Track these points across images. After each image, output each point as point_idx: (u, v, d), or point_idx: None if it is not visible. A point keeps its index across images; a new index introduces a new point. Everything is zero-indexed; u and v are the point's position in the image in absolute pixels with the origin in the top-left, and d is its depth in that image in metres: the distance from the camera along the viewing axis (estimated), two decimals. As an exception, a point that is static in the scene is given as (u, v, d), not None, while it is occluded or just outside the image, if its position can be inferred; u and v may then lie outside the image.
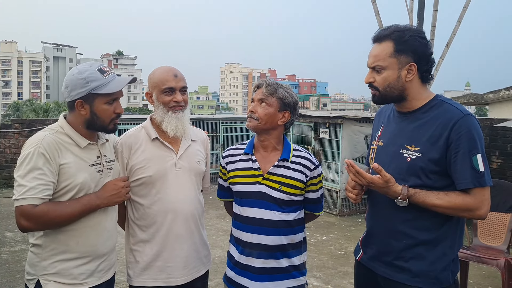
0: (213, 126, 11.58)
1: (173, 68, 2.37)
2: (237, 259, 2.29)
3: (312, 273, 5.33)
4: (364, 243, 2.25)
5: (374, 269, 2.13)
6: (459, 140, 1.89)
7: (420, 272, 1.99)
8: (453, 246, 2.02)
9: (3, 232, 6.75)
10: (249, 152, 2.33)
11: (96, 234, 2.14)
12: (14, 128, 10.04)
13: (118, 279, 4.63)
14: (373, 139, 2.27)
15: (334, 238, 6.93)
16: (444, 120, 1.94)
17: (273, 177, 2.25)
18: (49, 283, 2.05)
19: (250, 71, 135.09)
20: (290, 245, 2.26)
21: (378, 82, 2.05)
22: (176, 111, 2.32)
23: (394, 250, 2.05)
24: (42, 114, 35.53)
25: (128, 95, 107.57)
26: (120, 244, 5.38)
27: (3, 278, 4.98)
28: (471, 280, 5.12)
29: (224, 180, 2.46)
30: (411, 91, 2.04)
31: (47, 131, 2.09)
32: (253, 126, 2.27)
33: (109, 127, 2.18)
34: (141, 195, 2.34)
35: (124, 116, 13.03)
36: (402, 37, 1.99)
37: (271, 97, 2.24)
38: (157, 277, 2.33)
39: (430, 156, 1.94)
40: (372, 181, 1.95)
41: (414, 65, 2.00)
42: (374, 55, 2.06)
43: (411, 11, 8.54)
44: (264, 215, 2.23)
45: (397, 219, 2.03)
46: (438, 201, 1.91)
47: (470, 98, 10.62)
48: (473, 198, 1.90)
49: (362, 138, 8.53)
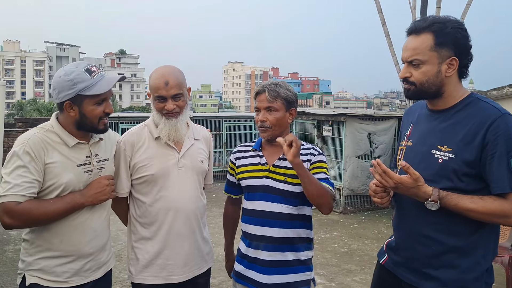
0: (216, 124, 11.58)
1: (167, 73, 2.29)
2: (244, 252, 2.33)
3: (315, 271, 5.30)
4: (389, 247, 2.14)
5: (400, 276, 2.02)
6: (496, 140, 1.74)
7: (449, 281, 1.85)
8: (487, 255, 1.87)
9: (7, 231, 6.77)
10: (257, 148, 2.39)
11: (80, 234, 2.12)
12: (18, 127, 10.11)
13: (121, 277, 4.66)
14: (402, 139, 2.14)
15: (337, 235, 6.93)
16: (480, 119, 1.79)
17: (278, 169, 2.29)
18: (32, 278, 2.07)
19: (252, 69, 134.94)
20: (296, 239, 2.28)
21: (415, 77, 1.90)
22: (169, 118, 2.31)
23: (422, 257, 1.92)
24: (45, 113, 35.54)
25: (131, 94, 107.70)
26: (124, 242, 5.38)
27: (8, 276, 5.01)
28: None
29: (231, 175, 2.50)
30: (449, 87, 1.90)
31: (37, 129, 2.09)
32: (268, 136, 2.29)
33: (99, 127, 2.16)
34: (144, 193, 2.34)
35: (126, 115, 13.07)
36: (443, 29, 1.84)
37: (276, 101, 2.26)
38: (158, 275, 2.33)
39: (464, 157, 1.80)
40: (401, 181, 1.80)
41: (455, 60, 1.86)
42: (412, 48, 1.90)
43: (414, 8, 8.53)
44: (268, 207, 2.26)
45: (426, 224, 1.90)
46: (472, 205, 1.76)
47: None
48: (510, 203, 1.74)
49: (365, 136, 8.51)
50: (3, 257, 5.66)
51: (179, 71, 2.35)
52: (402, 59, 1.98)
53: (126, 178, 2.36)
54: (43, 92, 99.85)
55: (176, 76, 2.31)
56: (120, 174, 2.34)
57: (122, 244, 5.74)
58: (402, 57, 1.97)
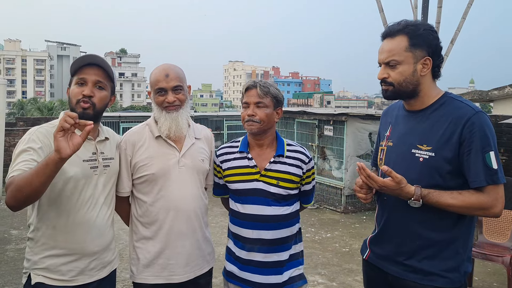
0: (217, 123, 11.60)
1: (167, 67, 2.34)
2: (238, 254, 2.33)
3: (316, 270, 5.33)
4: (373, 242, 2.22)
5: (385, 268, 2.11)
6: (471, 137, 1.86)
7: (432, 271, 1.96)
8: (465, 245, 1.99)
9: (8, 230, 6.78)
10: (244, 150, 2.37)
11: (84, 232, 2.12)
12: (19, 126, 10.11)
13: (123, 277, 4.66)
14: (382, 139, 2.23)
15: (338, 235, 6.92)
16: (456, 118, 1.90)
17: (270, 173, 2.30)
18: (38, 277, 2.07)
19: (253, 68, 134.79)
20: (289, 237, 2.32)
21: (393, 77, 2.01)
22: (170, 111, 2.31)
23: (407, 251, 2.02)
24: (46, 112, 35.59)
25: (132, 93, 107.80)
26: (125, 241, 5.37)
27: (9, 275, 5.01)
28: (476, 277, 5.10)
29: (219, 178, 2.49)
30: (424, 87, 2.01)
31: (46, 124, 2.15)
32: (256, 129, 2.29)
33: (76, 109, 2.06)
34: (144, 192, 2.34)
35: (127, 114, 13.09)
36: (416, 30, 1.97)
37: (266, 98, 2.29)
38: (159, 275, 2.33)
39: (444, 155, 1.90)
40: (384, 185, 1.91)
41: (429, 59, 1.97)
42: (387, 50, 2.01)
43: (415, 7, 8.51)
44: (263, 211, 2.27)
45: (410, 220, 2.00)
46: (452, 201, 1.87)
47: (475, 95, 10.57)
48: (487, 196, 1.87)
49: (367, 135, 8.51)
50: (4, 256, 5.66)
51: (179, 67, 2.40)
52: (378, 62, 2.06)
53: (127, 177, 2.35)
54: (44, 91, 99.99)
55: (176, 70, 2.35)
56: (121, 173, 2.34)
57: (123, 243, 5.74)
58: (379, 60, 2.06)
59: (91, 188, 2.15)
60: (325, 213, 8.35)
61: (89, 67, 2.14)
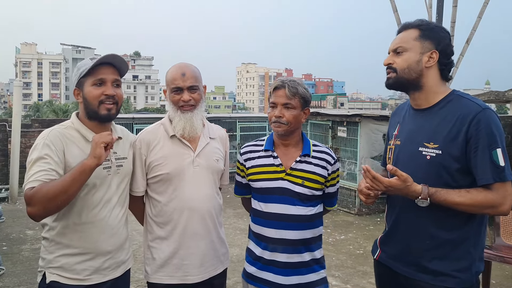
0: (230, 125, 11.61)
1: (184, 66, 2.34)
2: (259, 254, 2.28)
3: (330, 272, 5.28)
4: (383, 242, 2.21)
5: (396, 268, 2.10)
6: (478, 135, 1.85)
7: (443, 271, 1.95)
8: (476, 245, 1.97)
9: (24, 230, 6.86)
10: (269, 148, 2.34)
11: (98, 231, 2.13)
12: (34, 128, 10.27)
13: (136, 277, 4.67)
14: (390, 138, 2.24)
15: (352, 237, 6.87)
16: (462, 115, 1.89)
17: (296, 172, 2.26)
18: (53, 275, 2.08)
19: (266, 70, 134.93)
20: (312, 239, 2.28)
21: (397, 63, 2.04)
22: (185, 111, 2.31)
23: (416, 250, 2.01)
24: (61, 114, 36.09)
25: (146, 96, 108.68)
26: (139, 242, 5.38)
27: (24, 275, 5.06)
28: (493, 280, 5.02)
29: (242, 177, 2.45)
30: (428, 80, 2.01)
31: (58, 126, 2.17)
32: (283, 131, 2.26)
33: (100, 112, 2.12)
34: (159, 192, 2.34)
35: (141, 115, 13.19)
36: (429, 25, 2.03)
37: (294, 99, 2.23)
38: (174, 275, 2.32)
39: (451, 152, 1.90)
40: (390, 184, 1.89)
41: (436, 53, 1.99)
42: (398, 39, 2.07)
43: (430, 7, 8.41)
44: (288, 211, 2.23)
45: (419, 219, 1.99)
46: (459, 199, 1.85)
47: (491, 95, 10.43)
48: (495, 194, 1.85)
49: (381, 137, 8.43)
50: (20, 256, 5.72)
51: (195, 66, 2.39)
52: (388, 51, 2.11)
53: (142, 177, 2.35)
54: (59, 93, 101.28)
55: (192, 69, 2.34)
56: (136, 173, 2.34)
57: (137, 244, 5.76)
58: (389, 49, 2.10)
59: (104, 188, 2.16)
60: (339, 215, 8.30)
61: (105, 67, 2.15)
